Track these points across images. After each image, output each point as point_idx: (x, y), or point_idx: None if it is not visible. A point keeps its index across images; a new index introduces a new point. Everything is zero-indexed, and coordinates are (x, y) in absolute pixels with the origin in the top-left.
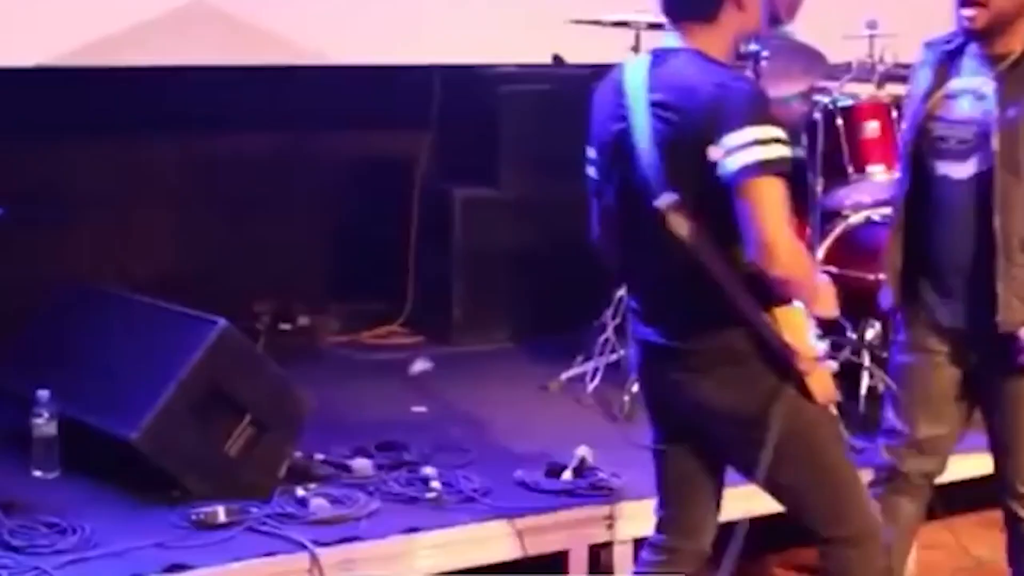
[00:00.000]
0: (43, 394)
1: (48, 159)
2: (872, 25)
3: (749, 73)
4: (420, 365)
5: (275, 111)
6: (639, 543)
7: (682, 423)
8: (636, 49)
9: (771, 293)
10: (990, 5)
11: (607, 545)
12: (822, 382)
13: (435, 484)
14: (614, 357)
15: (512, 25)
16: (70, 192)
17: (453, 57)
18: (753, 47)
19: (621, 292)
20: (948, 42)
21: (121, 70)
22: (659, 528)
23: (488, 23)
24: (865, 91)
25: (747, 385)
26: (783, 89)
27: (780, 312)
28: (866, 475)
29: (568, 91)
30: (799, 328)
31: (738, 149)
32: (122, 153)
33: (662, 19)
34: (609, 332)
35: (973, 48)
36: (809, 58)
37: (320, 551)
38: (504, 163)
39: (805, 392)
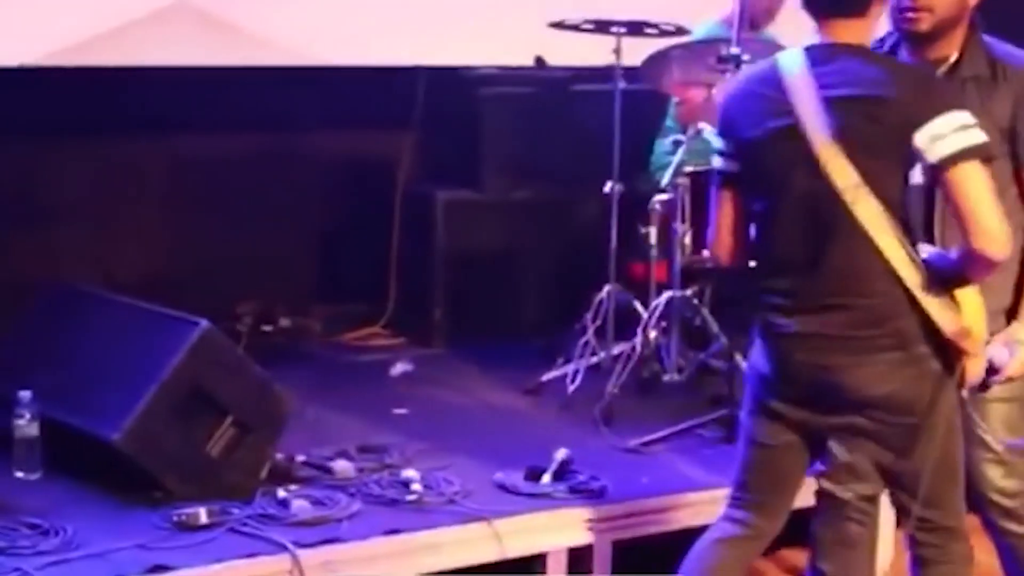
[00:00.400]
0: (25, 395)
1: (33, 159)
2: None
3: (730, 76)
4: (401, 367)
5: (258, 112)
6: (618, 545)
7: (814, 416)
8: (618, 53)
9: (953, 277)
10: (935, 10)
11: (587, 548)
12: (979, 366)
13: (416, 486)
14: (595, 360)
15: (495, 27)
16: (54, 193)
17: (436, 59)
18: (734, 50)
19: (602, 295)
20: (880, 44)
21: (104, 70)
22: (742, 506)
23: (471, 25)
24: None
25: (912, 371)
26: None
27: (962, 294)
28: None
29: (550, 93)
30: (979, 310)
31: (945, 136)
32: (106, 154)
33: (642, 20)
34: (590, 335)
35: (905, 52)
36: None
37: (301, 552)
38: (486, 165)
39: (958, 376)
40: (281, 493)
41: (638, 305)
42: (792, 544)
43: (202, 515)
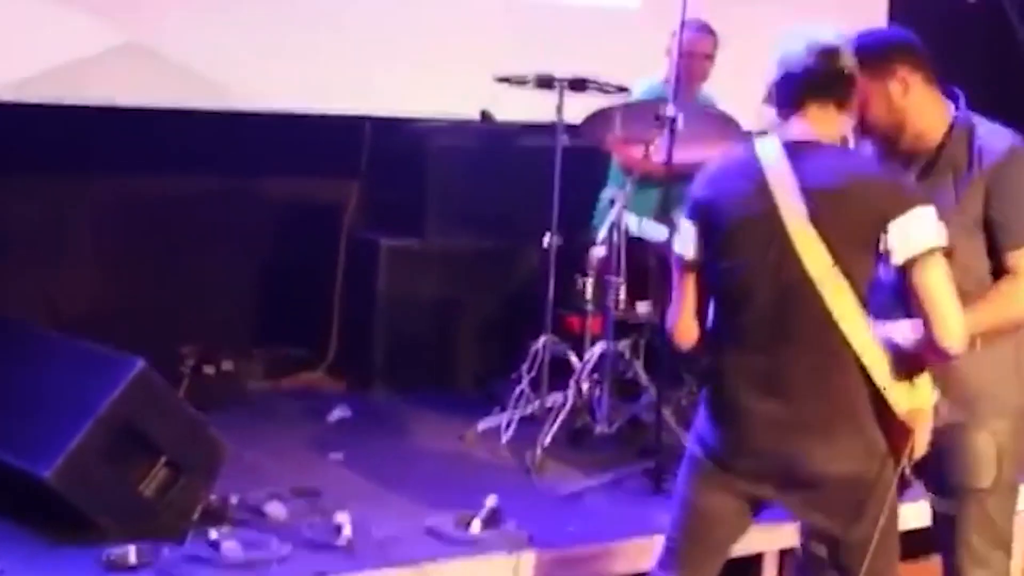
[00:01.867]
0: None
1: None
2: None
3: (664, 137)
4: (339, 412)
5: (206, 154)
6: None
7: (764, 489)
8: (559, 110)
9: (908, 361)
10: (869, 124)
11: None
12: (924, 441)
13: (347, 530)
14: (529, 410)
15: (443, 79)
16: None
17: (384, 108)
18: (669, 111)
19: (537, 346)
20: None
21: (56, 107)
22: (673, 568)
23: (420, 76)
24: None
25: (864, 449)
26: (697, 153)
27: (919, 380)
28: None
29: (496, 147)
30: (930, 391)
31: (915, 231)
32: (54, 189)
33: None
34: (524, 385)
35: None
36: (723, 124)
37: None
38: (430, 214)
39: (908, 451)
40: (213, 534)
41: (572, 356)
42: None
43: (131, 555)
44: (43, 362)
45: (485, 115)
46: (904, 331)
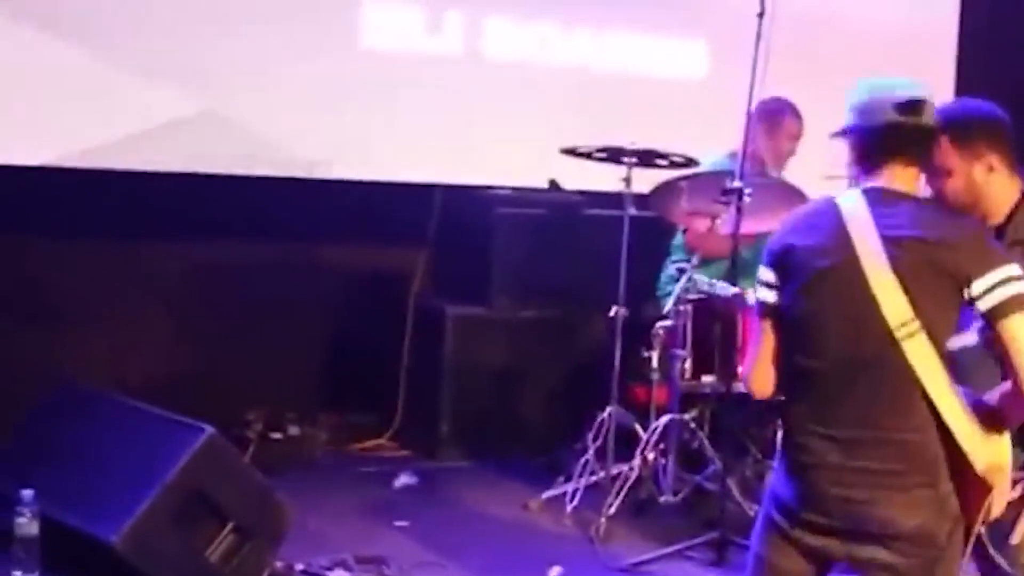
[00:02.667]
0: (27, 493)
1: (47, 259)
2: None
3: (733, 209)
4: (405, 479)
5: (276, 221)
6: None
7: (835, 544)
8: (628, 181)
9: (990, 418)
10: (947, 196)
11: None
12: (1003, 501)
13: None
14: (593, 479)
15: (511, 149)
16: (67, 293)
17: (453, 177)
18: (737, 184)
19: (603, 415)
20: None
21: (125, 174)
22: None
23: (488, 146)
24: None
25: (937, 506)
26: (765, 224)
27: (999, 437)
28: None
29: (562, 216)
30: (1008, 449)
31: (999, 285)
32: (123, 257)
33: (652, 149)
34: (590, 454)
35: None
36: (789, 195)
37: None
38: (496, 282)
39: (984, 512)
40: None
41: (638, 427)
42: None
43: None
44: (112, 428)
45: (553, 184)
46: (992, 393)
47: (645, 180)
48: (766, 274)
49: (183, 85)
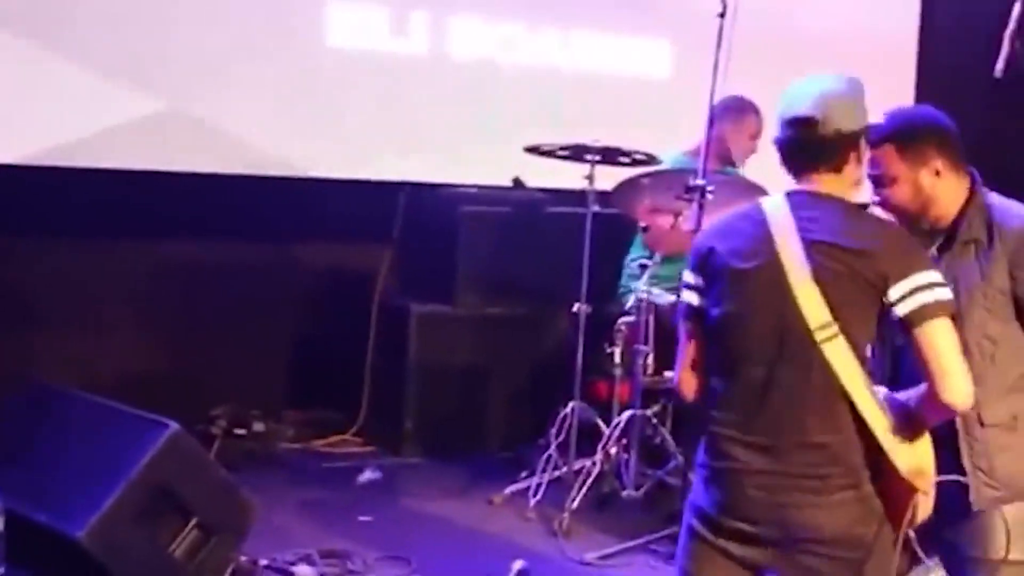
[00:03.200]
0: None
1: (14, 257)
2: None
3: (695, 205)
4: (369, 474)
5: (241, 219)
6: None
7: (760, 552)
8: (591, 179)
9: (910, 420)
10: (894, 203)
11: None
12: (929, 505)
13: None
14: (556, 474)
15: (476, 147)
16: (34, 291)
17: (417, 176)
18: (699, 181)
19: (566, 411)
20: None
21: (91, 172)
22: None
23: (453, 145)
24: None
25: (862, 508)
26: None
27: (919, 439)
28: None
29: (526, 213)
30: (930, 451)
31: (917, 291)
32: (89, 255)
33: (615, 147)
34: (553, 450)
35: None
36: (751, 192)
37: None
38: (461, 281)
39: (909, 514)
40: None
41: (600, 422)
42: None
43: None
44: (78, 424)
45: (517, 182)
46: (909, 393)
47: (608, 178)
48: (690, 277)
49: (149, 83)
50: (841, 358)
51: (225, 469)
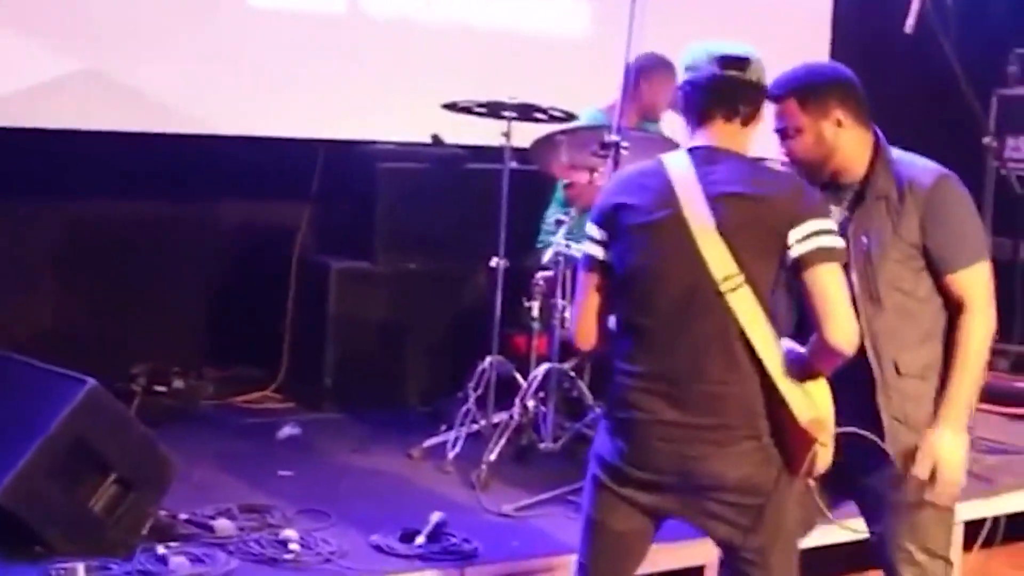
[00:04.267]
0: None
1: None
2: None
3: (611, 161)
4: (289, 430)
5: (160, 177)
6: None
7: (666, 500)
8: (507, 135)
9: (804, 370)
10: (796, 154)
11: None
12: (828, 455)
13: (294, 546)
14: (475, 427)
15: (395, 105)
16: None
17: (336, 133)
18: (614, 138)
19: (483, 365)
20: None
21: (7, 131)
22: None
23: (371, 102)
24: None
25: (761, 457)
26: None
27: (814, 386)
28: None
29: (444, 170)
30: (828, 402)
31: (812, 236)
32: (6, 213)
33: (531, 104)
34: (471, 404)
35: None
36: (666, 148)
37: None
38: (380, 237)
39: (807, 464)
40: (161, 550)
41: (518, 376)
42: None
43: (80, 571)
44: None
45: (435, 139)
46: (797, 346)
47: (528, 135)
48: (594, 231)
49: (66, 41)
50: (745, 307)
51: (145, 426)
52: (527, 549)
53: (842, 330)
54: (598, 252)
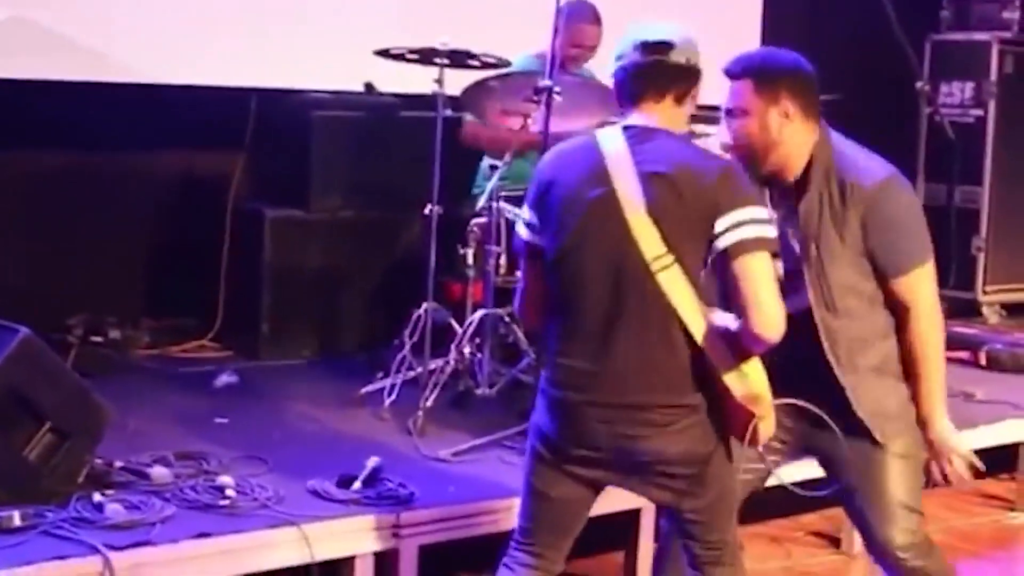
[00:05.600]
0: None
1: None
2: None
3: (542, 107)
4: (226, 378)
5: (91, 127)
6: (424, 550)
7: (607, 475)
8: (440, 82)
9: (740, 351)
10: (740, 142)
11: (393, 552)
12: (770, 426)
13: (230, 492)
14: (411, 374)
15: (328, 52)
16: None
17: (268, 81)
18: (546, 83)
19: (419, 312)
20: None
21: None
22: (525, 551)
23: (303, 50)
24: None
25: (700, 430)
26: (577, 123)
27: (749, 367)
28: None
29: (378, 118)
30: (763, 378)
31: (738, 227)
32: None
33: (464, 50)
34: (407, 350)
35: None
36: (602, 94)
37: (112, 555)
38: (314, 185)
39: (749, 435)
40: (96, 497)
41: (454, 322)
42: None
43: (16, 518)
44: None
45: (369, 87)
46: (731, 320)
47: (460, 81)
48: (527, 213)
49: None
50: (676, 286)
51: (82, 376)
52: (463, 494)
53: (768, 321)
54: (532, 237)
